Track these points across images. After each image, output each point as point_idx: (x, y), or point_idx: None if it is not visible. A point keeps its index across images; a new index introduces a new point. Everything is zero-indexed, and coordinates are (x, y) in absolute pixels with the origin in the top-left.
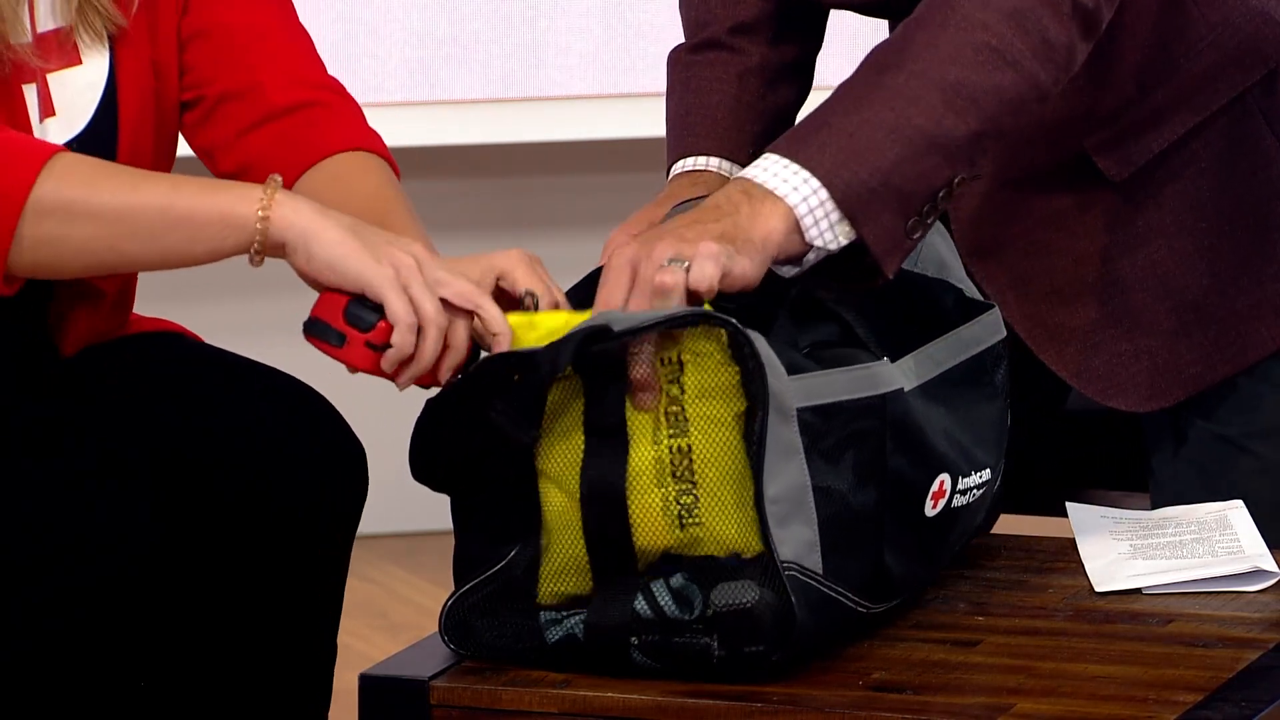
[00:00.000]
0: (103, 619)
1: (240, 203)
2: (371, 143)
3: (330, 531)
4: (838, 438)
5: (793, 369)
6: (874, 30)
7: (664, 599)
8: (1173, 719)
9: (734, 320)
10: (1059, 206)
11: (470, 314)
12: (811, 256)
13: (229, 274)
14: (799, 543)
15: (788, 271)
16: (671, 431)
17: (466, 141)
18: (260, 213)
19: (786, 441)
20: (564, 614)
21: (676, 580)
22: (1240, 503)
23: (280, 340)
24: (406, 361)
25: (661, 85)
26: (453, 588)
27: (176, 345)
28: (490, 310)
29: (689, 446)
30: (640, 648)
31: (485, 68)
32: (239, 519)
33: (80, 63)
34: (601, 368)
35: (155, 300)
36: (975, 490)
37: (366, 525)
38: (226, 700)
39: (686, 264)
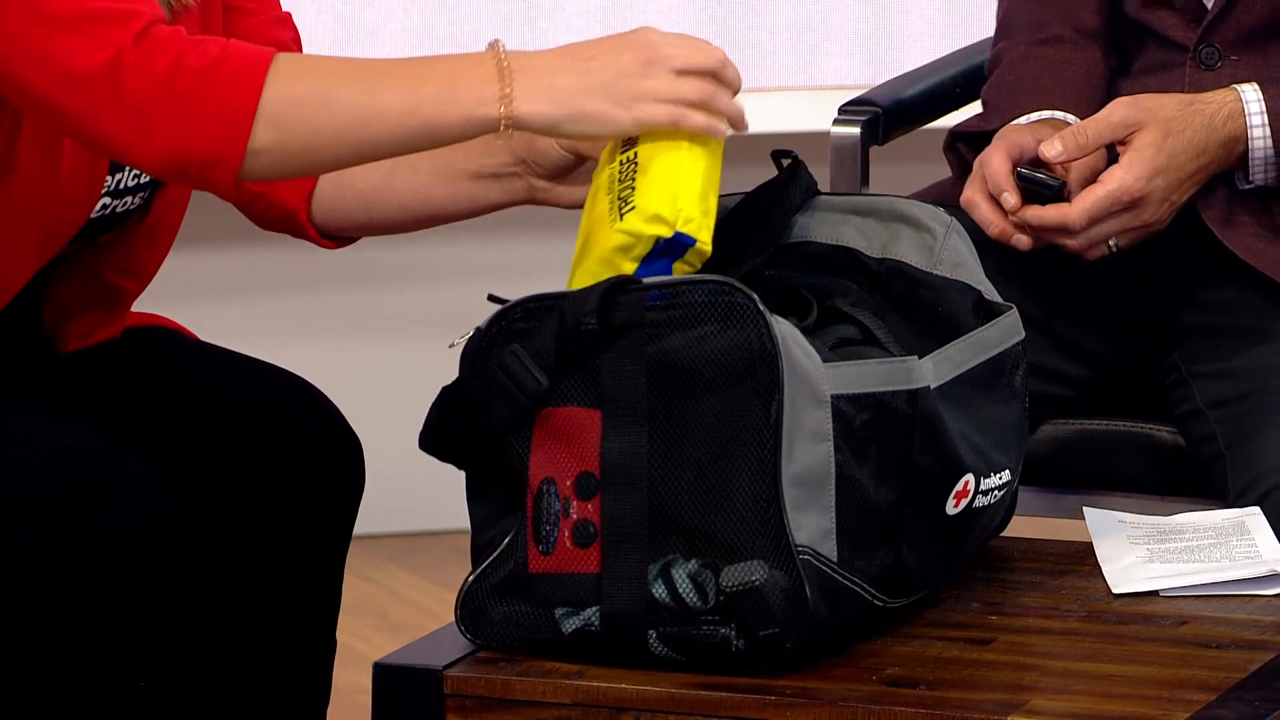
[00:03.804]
0: (102, 619)
1: (480, 105)
2: None
3: (327, 524)
4: (867, 429)
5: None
6: (874, 32)
7: (683, 585)
8: (1185, 717)
9: (755, 295)
10: None
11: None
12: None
13: (229, 274)
14: (815, 529)
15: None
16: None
17: None
18: (503, 109)
19: (816, 427)
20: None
21: (691, 566)
22: (1257, 509)
23: (280, 340)
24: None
25: None
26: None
27: (169, 340)
28: (721, 102)
29: (634, 155)
30: (660, 639)
31: None
32: (234, 512)
33: None
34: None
35: (155, 300)
36: (996, 491)
37: (367, 525)
38: (226, 696)
39: (1117, 246)
